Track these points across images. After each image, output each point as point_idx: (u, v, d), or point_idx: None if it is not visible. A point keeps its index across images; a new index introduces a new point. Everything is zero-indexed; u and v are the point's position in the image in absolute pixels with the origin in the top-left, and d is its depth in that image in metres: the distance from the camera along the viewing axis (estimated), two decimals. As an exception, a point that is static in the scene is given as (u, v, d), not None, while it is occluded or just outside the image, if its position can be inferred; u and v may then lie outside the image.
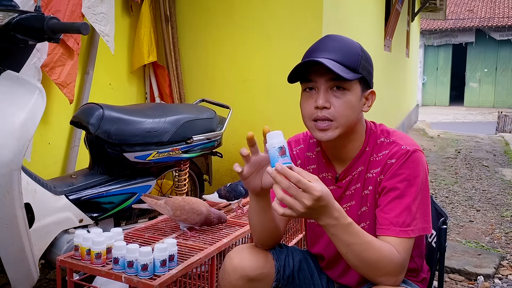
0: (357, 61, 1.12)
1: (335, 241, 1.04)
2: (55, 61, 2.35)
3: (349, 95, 1.12)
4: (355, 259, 1.04)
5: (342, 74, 1.07)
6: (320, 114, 1.12)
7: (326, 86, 1.12)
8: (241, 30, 3.19)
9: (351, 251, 1.03)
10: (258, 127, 3.18)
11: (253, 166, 1.08)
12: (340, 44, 1.14)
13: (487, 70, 18.08)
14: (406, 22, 7.97)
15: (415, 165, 1.13)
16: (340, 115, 1.12)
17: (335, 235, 1.02)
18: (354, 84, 1.13)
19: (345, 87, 1.12)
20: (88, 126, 1.94)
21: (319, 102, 1.11)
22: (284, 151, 0.99)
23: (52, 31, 1.49)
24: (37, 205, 1.70)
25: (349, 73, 1.10)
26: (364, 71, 1.14)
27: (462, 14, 18.38)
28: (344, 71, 1.09)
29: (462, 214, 3.72)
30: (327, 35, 1.18)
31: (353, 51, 1.13)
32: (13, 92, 1.50)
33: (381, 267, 1.04)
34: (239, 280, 1.20)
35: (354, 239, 1.02)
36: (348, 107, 1.12)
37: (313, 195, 0.94)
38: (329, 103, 1.11)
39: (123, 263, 1.36)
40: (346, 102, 1.12)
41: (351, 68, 1.11)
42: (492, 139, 8.55)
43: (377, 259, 1.04)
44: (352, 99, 1.13)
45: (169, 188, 2.77)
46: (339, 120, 1.12)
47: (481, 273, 2.48)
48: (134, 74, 3.20)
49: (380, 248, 1.05)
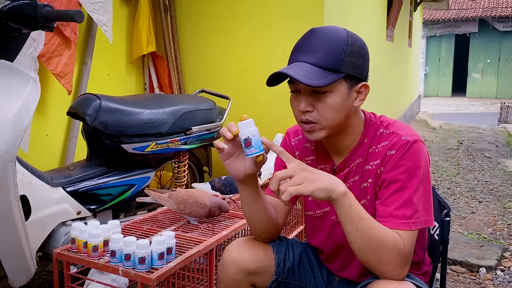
0: (338, 60, 1.07)
1: (348, 219, 1.02)
2: (52, 51, 2.32)
3: (331, 97, 1.08)
4: (364, 238, 1.02)
5: (313, 84, 1.04)
6: (303, 117, 1.11)
7: (307, 90, 1.09)
8: (240, 19, 3.15)
9: (362, 228, 1.01)
10: (258, 118, 3.15)
11: (235, 147, 1.09)
12: (322, 42, 1.08)
13: (490, 61, 17.97)
14: (409, 12, 7.89)
15: (416, 156, 1.10)
16: (323, 118, 1.10)
17: (351, 206, 1.01)
18: (337, 85, 1.08)
19: (326, 90, 1.08)
20: (85, 117, 1.91)
21: (301, 106, 1.10)
22: (249, 142, 1.03)
23: (45, 19, 1.45)
24: (34, 197, 1.68)
25: (326, 77, 1.05)
26: (348, 68, 1.08)
27: (465, 4, 18.21)
28: (321, 75, 1.05)
29: (464, 205, 3.69)
30: (312, 30, 1.12)
31: (335, 49, 1.07)
32: (6, 82, 1.47)
33: (386, 250, 1.02)
34: (238, 274, 1.19)
35: (364, 213, 1.03)
36: (331, 109, 1.09)
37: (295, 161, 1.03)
38: (311, 106, 1.10)
39: (120, 256, 1.34)
40: (328, 105, 1.09)
41: (330, 69, 1.07)
42: (495, 130, 8.51)
43: (383, 240, 1.02)
44: (335, 100, 1.09)
45: (168, 180, 2.75)
46: (322, 122, 1.10)
47: (483, 265, 2.46)
48: (133, 65, 3.16)
49: (385, 230, 1.04)
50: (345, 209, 1.02)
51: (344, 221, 1.03)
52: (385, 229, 1.04)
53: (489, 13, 17.34)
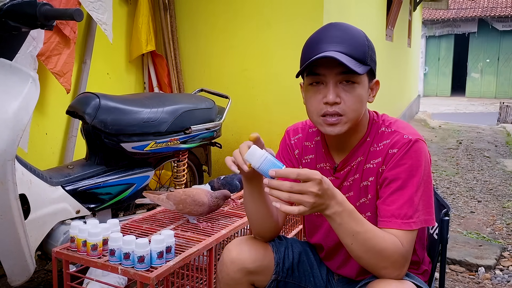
0: (365, 52, 1.08)
1: (340, 232, 1.02)
2: (51, 50, 2.32)
3: (358, 88, 1.09)
4: (360, 249, 1.02)
5: (354, 69, 1.03)
6: (330, 110, 1.08)
7: (335, 80, 1.08)
8: (240, 18, 3.14)
9: (356, 241, 1.01)
10: (258, 117, 3.18)
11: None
12: (346, 34, 1.09)
13: (489, 61, 17.97)
14: (408, 11, 7.89)
15: (417, 155, 1.10)
16: (350, 110, 1.09)
17: (341, 224, 1.00)
18: (363, 77, 1.09)
19: (354, 81, 1.08)
20: (84, 115, 1.91)
21: (329, 98, 1.07)
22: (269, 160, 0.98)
23: (44, 17, 1.45)
24: (33, 196, 1.68)
25: (359, 66, 1.06)
26: (371, 61, 1.10)
27: (464, 3, 18.21)
28: (355, 64, 1.05)
29: (463, 205, 3.70)
30: (331, 24, 1.13)
31: (360, 42, 1.09)
32: (6, 80, 1.47)
33: (385, 257, 1.02)
34: (237, 273, 1.18)
35: (359, 227, 1.01)
36: (359, 101, 1.09)
37: (315, 180, 0.94)
38: (339, 98, 1.08)
39: (119, 254, 1.34)
40: (356, 96, 1.09)
41: (360, 60, 1.07)
42: (494, 129, 8.51)
43: (381, 249, 1.02)
44: (362, 92, 1.10)
45: (168, 179, 2.74)
46: (349, 114, 1.09)
47: (482, 264, 2.46)
48: (132, 64, 3.16)
49: (384, 238, 1.03)
50: (335, 225, 1.02)
51: (337, 234, 1.03)
52: (383, 236, 1.03)
53: (488, 12, 17.34)
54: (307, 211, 0.96)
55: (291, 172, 0.95)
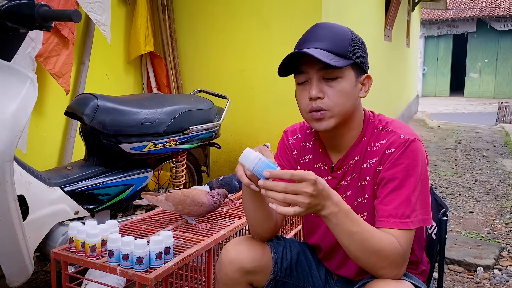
0: (347, 47, 1.10)
1: (337, 233, 1.03)
2: (50, 51, 2.32)
3: (342, 82, 1.11)
4: (358, 249, 1.02)
5: (330, 62, 1.05)
6: (314, 105, 1.11)
7: (318, 76, 1.11)
8: (239, 19, 3.14)
9: (353, 241, 1.01)
10: (256, 117, 3.18)
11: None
12: (329, 31, 1.12)
13: (487, 61, 17.98)
14: (407, 11, 7.89)
15: (414, 154, 1.10)
16: (334, 104, 1.11)
17: (337, 224, 1.01)
18: (346, 71, 1.11)
19: (337, 76, 1.10)
20: (83, 116, 1.91)
21: (312, 93, 1.10)
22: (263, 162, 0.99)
23: (43, 18, 1.45)
24: (31, 197, 1.68)
25: (339, 60, 1.08)
26: (356, 56, 1.12)
27: (463, 3, 18.24)
28: (334, 58, 1.08)
29: (462, 205, 3.70)
30: (316, 24, 1.16)
31: (342, 37, 1.11)
32: (4, 81, 1.47)
33: (383, 257, 1.02)
34: (235, 273, 1.19)
35: (356, 227, 1.01)
36: (342, 95, 1.11)
37: (310, 180, 0.94)
38: (322, 93, 1.11)
39: (118, 255, 1.34)
40: (339, 91, 1.11)
41: (341, 55, 1.09)
42: (492, 129, 8.52)
43: (378, 249, 1.02)
44: (346, 87, 1.11)
45: (166, 180, 2.74)
46: (333, 109, 1.11)
47: (480, 264, 2.47)
48: (131, 64, 3.16)
49: (381, 238, 1.03)
50: (332, 226, 1.02)
51: (334, 234, 1.04)
52: (380, 236, 1.03)
53: (487, 12, 17.36)
54: (302, 212, 0.96)
55: (285, 173, 0.95)
